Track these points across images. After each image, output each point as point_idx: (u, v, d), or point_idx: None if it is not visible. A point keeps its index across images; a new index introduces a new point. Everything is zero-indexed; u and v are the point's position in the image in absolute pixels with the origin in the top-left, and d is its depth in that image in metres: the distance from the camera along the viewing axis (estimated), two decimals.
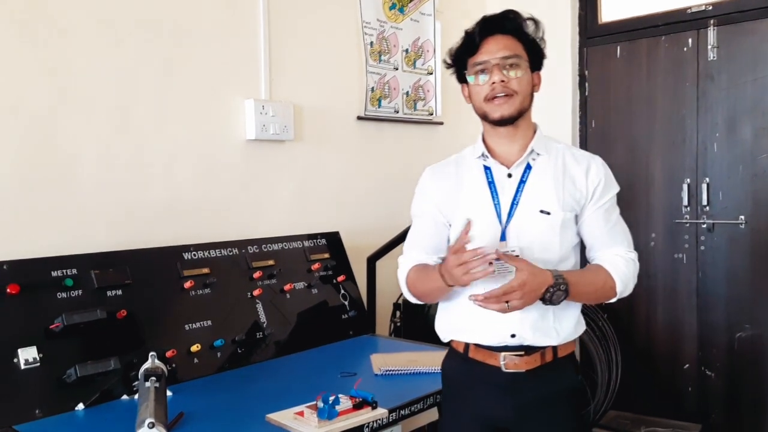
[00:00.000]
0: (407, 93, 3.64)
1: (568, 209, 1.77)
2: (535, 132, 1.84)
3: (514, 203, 1.77)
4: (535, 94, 1.83)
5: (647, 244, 3.68)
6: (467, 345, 1.81)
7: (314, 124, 3.17)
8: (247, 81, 2.89)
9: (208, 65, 2.74)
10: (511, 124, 1.77)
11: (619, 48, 3.74)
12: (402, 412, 2.02)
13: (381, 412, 1.92)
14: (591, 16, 3.82)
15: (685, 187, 3.55)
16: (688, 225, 3.56)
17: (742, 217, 3.39)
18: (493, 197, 1.79)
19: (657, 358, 3.69)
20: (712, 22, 3.43)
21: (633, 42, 3.70)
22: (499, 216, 1.76)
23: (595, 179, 1.79)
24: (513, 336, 1.74)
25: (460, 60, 1.82)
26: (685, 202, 3.55)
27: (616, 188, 1.84)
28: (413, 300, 1.92)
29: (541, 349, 1.76)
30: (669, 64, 3.59)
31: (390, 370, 2.33)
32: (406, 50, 3.62)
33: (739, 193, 3.41)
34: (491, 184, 1.80)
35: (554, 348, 1.77)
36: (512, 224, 1.75)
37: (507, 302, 1.61)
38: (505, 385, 1.76)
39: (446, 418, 1.91)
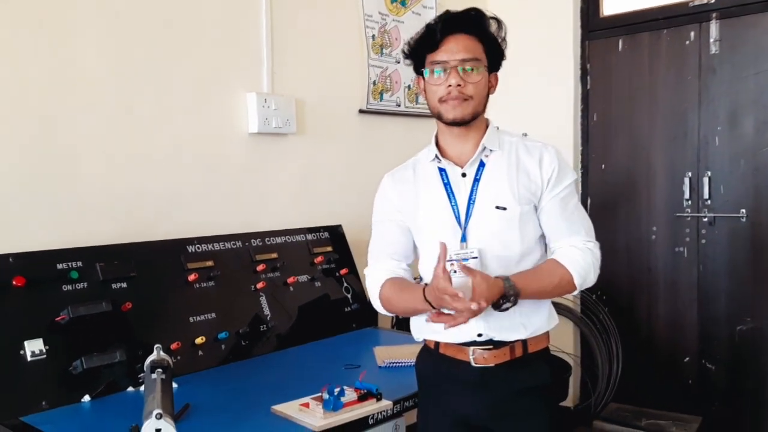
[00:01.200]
0: (409, 86, 3.64)
1: (525, 202, 1.75)
2: (486, 128, 1.81)
3: (470, 202, 1.75)
4: (492, 92, 1.81)
5: (648, 237, 3.69)
6: (437, 343, 1.81)
7: (316, 118, 3.18)
8: (249, 74, 2.90)
9: (210, 59, 2.74)
10: (464, 125, 1.76)
11: (620, 41, 3.74)
12: (406, 403, 2.03)
13: (385, 404, 1.94)
14: (593, 9, 3.82)
15: (686, 180, 3.56)
16: (689, 218, 3.57)
17: (744, 210, 3.40)
18: (449, 198, 1.77)
19: (658, 350, 3.70)
20: (714, 15, 3.43)
21: (635, 35, 3.70)
22: (457, 217, 1.75)
23: (548, 169, 1.76)
24: (480, 335, 1.73)
25: (418, 54, 1.79)
26: (687, 195, 3.56)
27: (572, 176, 1.80)
28: (384, 313, 1.91)
29: (510, 344, 1.74)
30: (671, 57, 3.59)
31: (394, 363, 2.34)
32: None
33: (741, 187, 3.42)
34: (447, 185, 1.79)
35: (524, 342, 1.75)
36: (471, 224, 1.74)
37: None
38: (476, 381, 1.74)
39: (422, 416, 1.89)
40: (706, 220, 3.51)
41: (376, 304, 1.89)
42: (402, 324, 3.20)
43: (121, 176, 2.48)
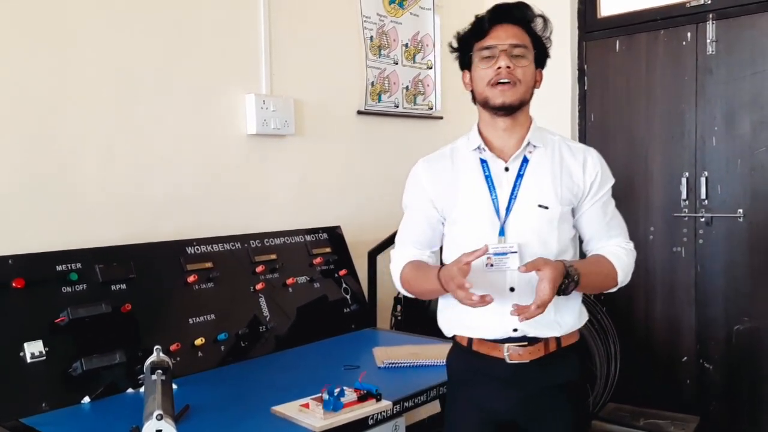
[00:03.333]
0: (407, 87, 3.65)
1: (566, 203, 1.76)
2: (530, 124, 1.82)
3: (512, 198, 1.75)
4: (538, 87, 1.82)
5: (646, 237, 3.70)
6: (470, 339, 1.81)
7: (315, 119, 3.18)
8: (247, 76, 2.90)
9: (208, 61, 2.75)
10: (510, 113, 1.75)
11: (618, 42, 3.75)
12: (406, 404, 2.04)
13: (385, 404, 1.94)
14: (590, 10, 3.83)
15: (683, 180, 3.56)
16: (686, 219, 3.58)
17: (741, 210, 3.41)
18: (490, 192, 1.76)
19: (656, 350, 3.71)
20: (710, 16, 3.44)
21: (632, 36, 3.71)
22: (497, 211, 1.75)
23: (592, 173, 1.79)
24: (515, 330, 1.73)
25: (466, 44, 1.80)
26: (684, 195, 3.57)
27: (612, 180, 1.84)
28: (407, 295, 1.93)
29: (544, 340, 1.75)
30: (668, 58, 3.60)
31: (393, 363, 2.34)
32: (406, 45, 3.63)
33: (738, 187, 3.42)
34: (488, 178, 1.78)
35: (557, 338, 1.77)
36: (510, 219, 1.74)
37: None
38: (509, 377, 1.75)
39: (451, 412, 1.90)
40: (703, 220, 3.52)
41: (398, 286, 1.92)
42: (401, 325, 3.21)
43: (120, 178, 2.48)
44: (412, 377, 2.23)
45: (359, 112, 3.40)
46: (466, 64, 1.82)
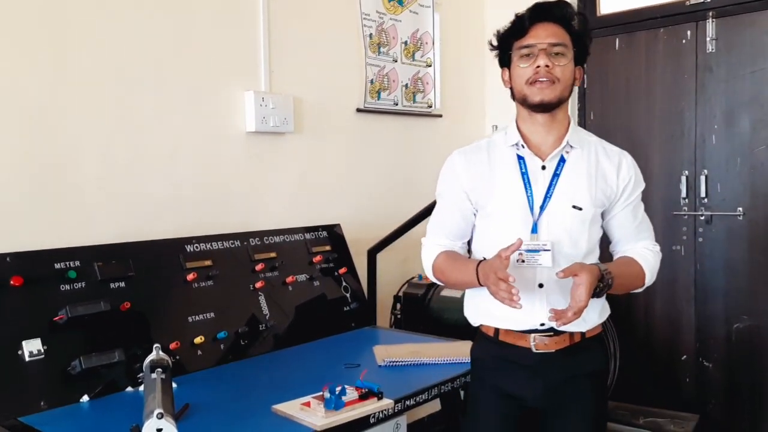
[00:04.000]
0: (406, 85, 3.63)
1: (599, 205, 1.80)
2: (569, 123, 1.84)
3: (547, 196, 1.78)
4: (578, 84, 1.85)
5: None
6: (497, 329, 1.84)
7: (314, 117, 3.17)
8: (246, 73, 2.89)
9: (207, 58, 2.73)
10: (549, 111, 1.77)
11: (617, 40, 3.75)
12: (407, 402, 2.03)
13: (387, 403, 1.93)
14: (590, 8, 3.82)
15: (683, 179, 3.56)
16: (686, 217, 3.57)
17: (740, 209, 3.41)
18: (526, 189, 1.79)
19: (655, 349, 3.70)
20: (710, 14, 3.43)
21: (632, 34, 3.70)
22: (531, 208, 1.78)
23: (626, 177, 1.82)
24: (542, 324, 1.78)
25: (506, 42, 1.82)
26: (684, 194, 3.56)
27: (643, 185, 1.88)
28: (436, 282, 1.97)
29: (569, 332, 1.80)
30: (668, 56, 3.59)
31: (394, 362, 2.33)
32: (405, 42, 3.62)
33: (737, 185, 3.42)
34: (524, 174, 1.80)
35: (582, 331, 1.81)
36: (544, 217, 1.77)
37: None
38: (535, 365, 1.79)
39: (476, 399, 1.93)
40: (703, 218, 3.52)
41: (429, 273, 1.95)
42: (401, 323, 3.20)
43: (119, 175, 2.46)
44: (413, 376, 2.22)
45: (358, 110, 3.39)
46: (505, 62, 1.84)
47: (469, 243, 1.97)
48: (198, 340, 2.33)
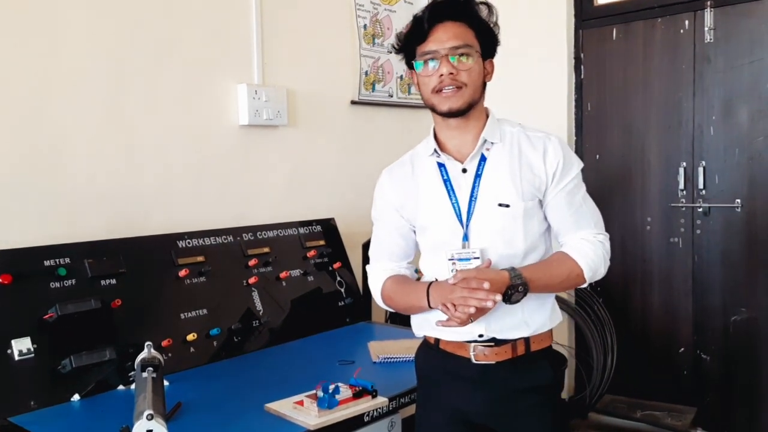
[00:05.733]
0: (401, 77, 3.60)
1: (529, 198, 1.69)
2: (487, 119, 1.75)
3: (471, 199, 1.70)
4: (489, 79, 1.75)
5: (643, 227, 3.67)
6: (437, 339, 1.77)
7: (308, 109, 3.13)
8: (239, 65, 2.85)
9: (199, 50, 2.70)
10: (461, 116, 1.70)
11: (614, 30, 3.71)
12: (402, 400, 2.01)
13: (381, 401, 1.91)
14: None
15: (681, 170, 3.53)
16: (683, 209, 3.55)
17: (738, 200, 3.38)
18: (450, 196, 1.72)
19: (652, 341, 3.69)
20: (708, 3, 3.40)
21: (629, 24, 3.66)
22: (459, 216, 1.70)
23: (553, 162, 1.70)
24: (481, 336, 1.69)
25: (409, 47, 1.73)
26: (681, 185, 3.54)
27: (578, 166, 1.74)
28: (387, 309, 1.90)
29: (512, 342, 1.70)
30: (665, 46, 3.56)
31: (388, 358, 2.31)
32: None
33: (735, 177, 3.40)
34: (447, 182, 1.73)
35: (526, 340, 1.70)
36: (473, 223, 1.69)
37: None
38: (476, 378, 1.70)
39: (420, 411, 1.86)
40: (700, 210, 3.49)
41: (379, 302, 1.88)
42: (396, 318, 3.17)
43: (109, 170, 2.43)
44: (408, 372, 2.17)
45: (353, 102, 3.36)
46: (411, 65, 1.75)
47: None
48: (190, 337, 2.30)
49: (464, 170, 1.73)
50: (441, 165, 1.75)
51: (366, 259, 3.13)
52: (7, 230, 2.16)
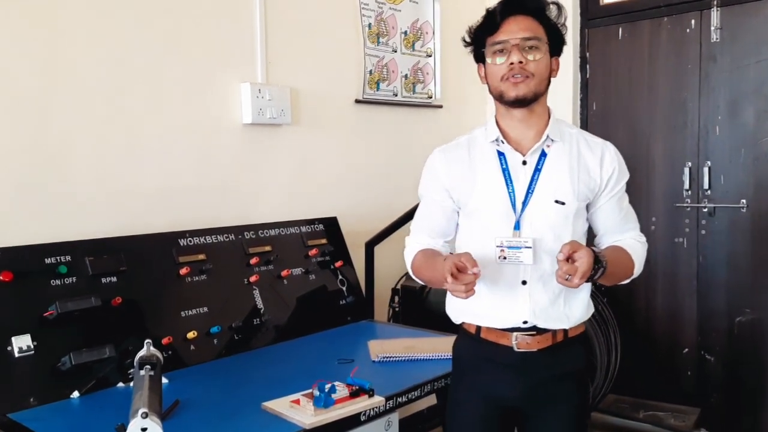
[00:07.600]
0: (406, 76, 3.59)
1: (582, 199, 1.77)
2: (549, 117, 1.81)
3: (528, 192, 1.75)
4: (554, 76, 1.81)
5: (648, 228, 3.65)
6: (479, 327, 1.82)
7: (311, 108, 3.13)
8: (243, 64, 2.85)
9: (203, 49, 2.70)
10: (526, 106, 1.74)
11: (620, 29, 3.69)
12: (399, 399, 2.01)
13: (377, 400, 1.91)
14: None
15: (686, 170, 3.52)
16: (689, 209, 3.53)
17: (744, 201, 3.37)
18: (507, 185, 1.76)
19: (657, 342, 3.68)
20: (715, 3, 3.38)
21: (635, 23, 3.65)
22: (513, 205, 1.75)
23: (609, 168, 1.78)
24: (525, 322, 1.75)
25: (479, 39, 1.79)
26: (687, 185, 3.52)
27: (627, 175, 1.84)
28: (419, 281, 1.95)
29: (552, 331, 1.77)
30: (671, 45, 3.54)
31: (387, 357, 2.31)
32: (405, 32, 3.58)
33: (741, 177, 3.38)
34: (505, 171, 1.77)
35: (565, 330, 1.78)
36: (526, 214, 1.74)
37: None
38: (516, 364, 1.76)
39: (455, 398, 1.90)
40: (705, 210, 3.48)
41: (410, 272, 1.94)
42: (399, 317, 3.18)
43: (112, 168, 2.44)
44: (407, 371, 2.20)
45: (357, 101, 3.35)
46: (480, 57, 1.81)
47: None
48: (191, 335, 2.31)
49: (524, 162, 1.77)
50: (501, 154, 1.79)
51: (369, 258, 3.15)
52: (9, 228, 2.17)
